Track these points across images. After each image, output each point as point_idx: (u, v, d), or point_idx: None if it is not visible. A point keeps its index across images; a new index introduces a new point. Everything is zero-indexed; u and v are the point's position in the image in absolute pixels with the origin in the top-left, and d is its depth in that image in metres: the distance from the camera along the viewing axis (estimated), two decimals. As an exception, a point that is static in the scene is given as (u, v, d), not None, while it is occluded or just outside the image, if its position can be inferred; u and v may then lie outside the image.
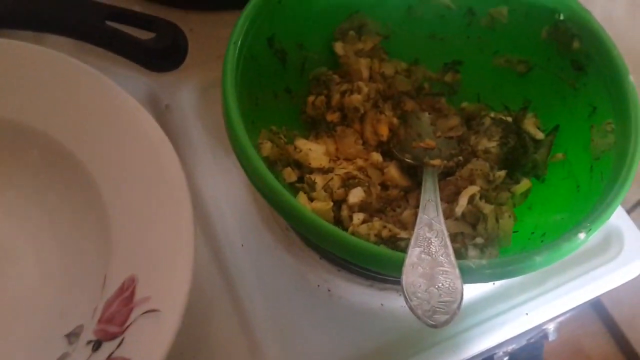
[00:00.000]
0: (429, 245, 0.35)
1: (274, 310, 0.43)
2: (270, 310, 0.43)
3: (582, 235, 0.36)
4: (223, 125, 0.39)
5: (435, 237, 0.36)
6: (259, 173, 0.36)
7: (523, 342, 0.56)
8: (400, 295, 0.45)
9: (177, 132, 0.50)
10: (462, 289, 0.32)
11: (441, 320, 0.30)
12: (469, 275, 0.34)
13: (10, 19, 0.46)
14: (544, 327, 0.56)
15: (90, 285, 0.36)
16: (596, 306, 1.15)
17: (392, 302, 0.45)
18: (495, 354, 0.55)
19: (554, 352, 1.06)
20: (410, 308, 0.31)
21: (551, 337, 0.57)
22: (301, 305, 0.44)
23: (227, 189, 0.48)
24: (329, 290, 0.45)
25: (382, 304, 0.45)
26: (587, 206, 0.39)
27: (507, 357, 0.56)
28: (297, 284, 0.45)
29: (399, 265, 0.33)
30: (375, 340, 0.44)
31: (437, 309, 0.31)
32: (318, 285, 0.45)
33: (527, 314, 0.46)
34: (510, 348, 0.55)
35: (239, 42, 0.41)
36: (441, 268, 0.34)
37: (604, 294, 0.49)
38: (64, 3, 0.47)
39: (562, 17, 0.46)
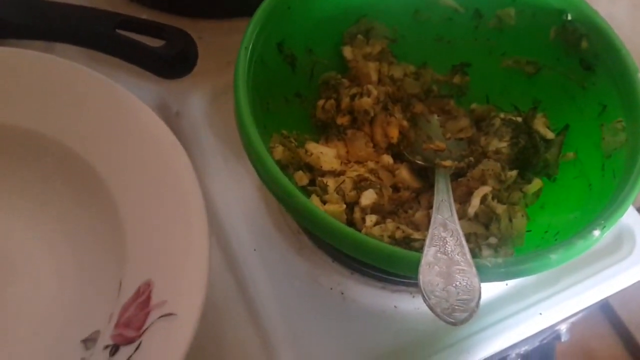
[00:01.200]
0: (445, 244, 0.35)
1: (288, 313, 0.43)
2: (284, 313, 0.43)
3: (596, 233, 0.36)
4: (233, 131, 0.39)
5: (450, 237, 0.36)
6: (273, 176, 0.36)
7: (536, 343, 0.56)
8: (413, 296, 0.45)
9: (187, 139, 0.50)
10: (480, 286, 0.32)
11: (461, 318, 0.30)
12: (485, 273, 0.34)
13: (21, 29, 0.47)
14: (557, 328, 0.56)
15: (106, 291, 0.36)
16: (604, 308, 1.15)
17: (405, 303, 0.45)
18: (508, 355, 0.55)
19: (564, 355, 1.05)
20: (429, 307, 0.31)
21: (564, 338, 0.57)
22: (314, 308, 0.44)
23: (238, 194, 0.49)
24: (342, 293, 0.45)
25: (395, 306, 0.45)
26: (600, 204, 0.39)
27: (519, 359, 0.56)
28: (310, 287, 0.45)
29: (415, 265, 0.33)
30: (389, 342, 0.44)
31: (456, 307, 0.31)
32: (331, 288, 0.45)
33: (541, 313, 0.46)
34: (523, 349, 0.55)
35: (250, 47, 0.41)
36: (458, 267, 0.34)
37: (613, 295, 0.49)
38: (74, 12, 0.47)
39: (569, 18, 0.46)
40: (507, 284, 0.47)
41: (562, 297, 0.46)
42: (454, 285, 0.32)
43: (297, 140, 0.46)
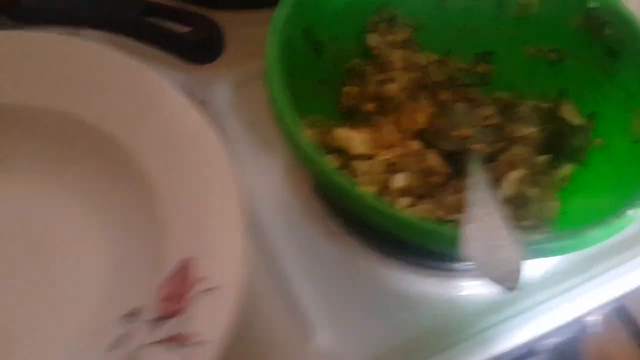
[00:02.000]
0: (482, 221, 0.35)
1: (320, 298, 0.43)
2: (316, 298, 0.43)
3: (631, 213, 0.36)
4: (258, 120, 0.39)
5: (488, 215, 0.36)
6: (310, 155, 0.36)
7: (564, 336, 0.56)
8: (445, 282, 0.45)
9: (212, 127, 0.50)
10: (520, 261, 0.32)
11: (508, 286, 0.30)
12: (525, 249, 0.33)
13: (47, 15, 0.47)
14: (586, 320, 0.55)
15: (145, 269, 0.36)
16: (619, 313, 1.14)
17: (435, 289, 0.44)
18: (535, 347, 0.54)
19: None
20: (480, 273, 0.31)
21: (594, 330, 0.56)
22: (345, 293, 0.44)
23: (264, 183, 0.48)
24: (373, 278, 0.44)
25: (425, 291, 0.44)
26: (631, 188, 0.39)
27: (546, 352, 0.55)
28: (340, 273, 0.44)
29: (456, 241, 0.33)
30: (420, 327, 0.43)
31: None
32: (361, 273, 0.44)
33: (571, 302, 0.45)
34: (550, 342, 0.54)
35: (279, 32, 0.41)
36: (497, 242, 0.33)
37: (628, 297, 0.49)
38: (102, -1, 0.47)
39: (592, 5, 0.47)
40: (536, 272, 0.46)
41: (594, 284, 0.46)
42: (496, 258, 0.32)
43: (324, 127, 0.46)
